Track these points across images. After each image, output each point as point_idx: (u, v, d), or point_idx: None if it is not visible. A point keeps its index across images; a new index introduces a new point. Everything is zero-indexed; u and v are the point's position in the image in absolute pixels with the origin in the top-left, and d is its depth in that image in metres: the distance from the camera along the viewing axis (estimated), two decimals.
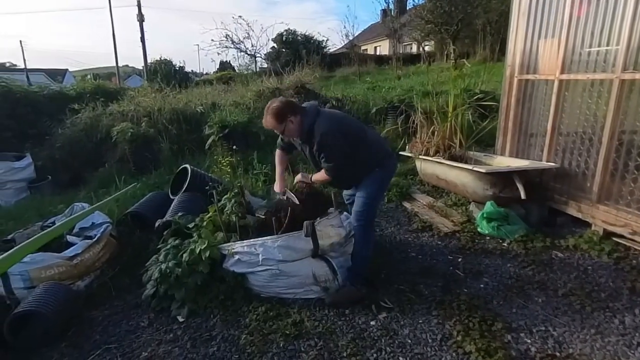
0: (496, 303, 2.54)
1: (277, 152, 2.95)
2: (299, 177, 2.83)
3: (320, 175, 2.66)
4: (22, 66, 34.69)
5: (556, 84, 3.56)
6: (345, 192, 3.14)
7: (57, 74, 35.93)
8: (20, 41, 38.30)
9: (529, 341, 2.19)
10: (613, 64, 3.08)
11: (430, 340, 2.23)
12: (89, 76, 13.66)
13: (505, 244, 3.33)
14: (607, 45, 3.13)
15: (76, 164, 6.49)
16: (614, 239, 3.18)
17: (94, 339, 2.41)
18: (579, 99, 3.42)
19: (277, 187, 2.85)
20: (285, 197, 2.79)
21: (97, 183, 5.70)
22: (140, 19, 22.88)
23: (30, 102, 7.60)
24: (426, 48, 20.21)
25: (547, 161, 3.73)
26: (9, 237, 3.38)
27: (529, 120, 4.01)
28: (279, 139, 2.89)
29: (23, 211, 4.87)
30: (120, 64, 25.33)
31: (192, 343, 2.31)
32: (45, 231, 0.86)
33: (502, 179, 3.56)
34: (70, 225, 3.03)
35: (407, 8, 23.53)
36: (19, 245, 0.75)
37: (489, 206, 3.51)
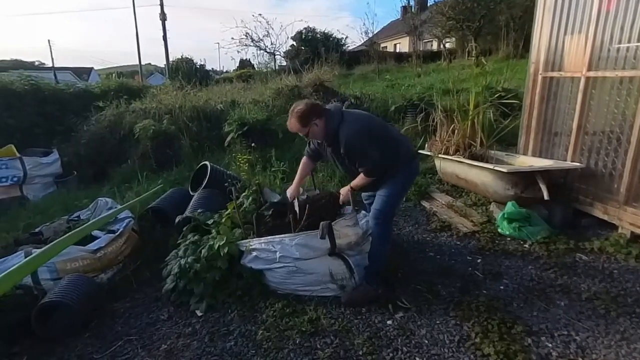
0: (516, 305, 2.49)
1: (304, 159, 2.94)
2: (344, 196, 2.76)
3: (359, 180, 2.58)
4: (50, 65, 35.88)
5: (582, 81, 3.45)
6: (365, 193, 3.12)
7: (83, 72, 37.03)
8: (49, 40, 39.64)
9: (550, 345, 2.13)
10: None
11: (447, 342, 2.20)
12: (113, 74, 14.01)
13: (526, 246, 3.25)
14: (638, 41, 3.01)
15: (100, 159, 6.70)
16: None
17: (115, 330, 2.48)
18: (607, 97, 3.30)
19: (289, 192, 2.89)
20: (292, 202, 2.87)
21: (120, 178, 5.85)
22: (163, 17, 23.29)
23: (58, 99, 7.88)
24: (447, 45, 19.87)
25: (572, 161, 3.62)
26: (37, 230, 3.52)
27: (553, 119, 3.90)
28: (307, 146, 2.91)
29: (50, 205, 5.05)
30: (142, 62, 25.87)
31: (210, 337, 2.35)
32: (78, 229, 0.90)
33: (524, 179, 3.47)
34: (102, 224, 3.12)
35: (428, 4, 23.22)
36: (54, 242, 0.78)
37: (510, 206, 3.44)
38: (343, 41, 22.56)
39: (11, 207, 5.36)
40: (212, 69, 30.98)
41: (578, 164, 3.55)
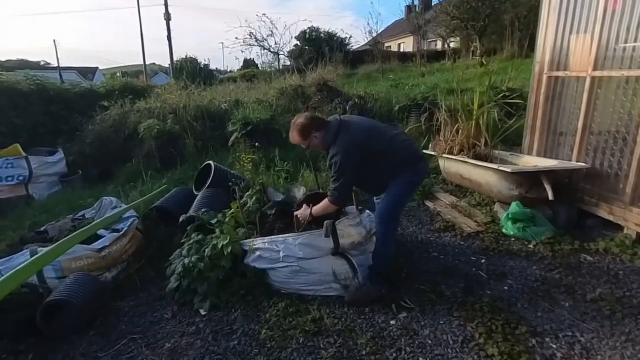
0: (520, 306, 2.48)
1: None
2: (300, 215, 2.77)
3: (321, 205, 2.63)
4: (56, 64, 36.11)
5: (588, 81, 3.43)
6: (376, 198, 3.10)
7: (88, 72, 37.27)
8: (54, 40, 39.93)
9: (554, 346, 2.12)
10: None
11: (451, 342, 2.20)
12: (118, 74, 14.09)
13: (530, 246, 3.24)
14: None
15: (105, 159, 6.73)
16: None
17: (120, 329, 2.50)
18: (613, 97, 3.28)
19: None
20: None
21: (124, 178, 5.87)
22: (167, 17, 23.34)
23: (63, 99, 7.92)
24: (451, 44, 19.79)
25: (577, 161, 3.60)
26: (42, 228, 3.55)
27: (558, 119, 3.88)
28: None
29: (55, 204, 5.08)
30: (147, 62, 25.97)
31: (213, 336, 2.36)
32: (84, 228, 0.91)
33: (528, 179, 3.46)
34: (107, 223, 3.14)
35: (432, 4, 23.17)
36: (60, 241, 0.79)
37: (514, 206, 3.42)
38: (347, 41, 22.61)
39: (17, 205, 5.40)
40: (216, 68, 31.16)
41: (583, 164, 3.53)
